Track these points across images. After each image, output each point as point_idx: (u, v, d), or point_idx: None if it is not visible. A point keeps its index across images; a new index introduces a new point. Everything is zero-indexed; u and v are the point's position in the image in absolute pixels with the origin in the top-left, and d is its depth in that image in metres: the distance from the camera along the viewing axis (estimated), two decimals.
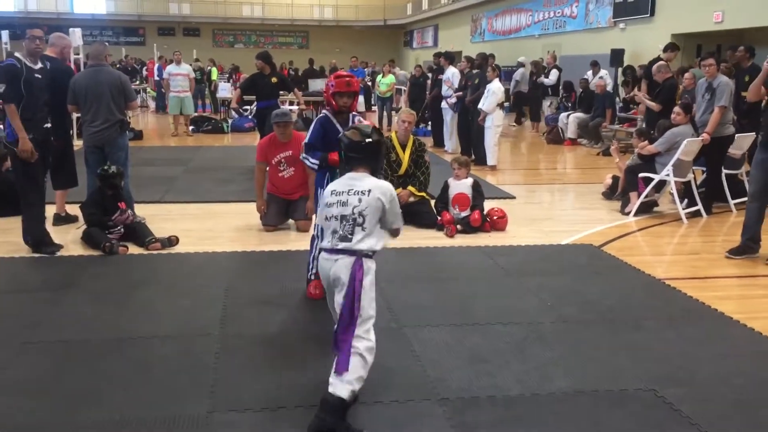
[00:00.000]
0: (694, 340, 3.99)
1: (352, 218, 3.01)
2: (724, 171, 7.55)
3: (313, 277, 4.50)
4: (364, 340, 2.97)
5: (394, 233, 3.23)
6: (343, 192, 3.07)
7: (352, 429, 2.87)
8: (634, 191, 7.28)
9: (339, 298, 3.01)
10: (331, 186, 3.16)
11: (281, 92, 10.59)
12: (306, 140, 4.48)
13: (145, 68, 24.92)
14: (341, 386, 2.88)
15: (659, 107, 9.11)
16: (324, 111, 4.53)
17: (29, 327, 4.00)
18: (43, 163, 5.63)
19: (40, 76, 5.51)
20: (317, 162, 4.40)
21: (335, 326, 3.00)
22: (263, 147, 6.52)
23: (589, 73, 14.43)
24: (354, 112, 4.51)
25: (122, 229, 5.79)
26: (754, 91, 6.02)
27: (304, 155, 4.49)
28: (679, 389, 3.34)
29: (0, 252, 5.53)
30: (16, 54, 5.67)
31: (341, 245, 3.02)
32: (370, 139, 3.14)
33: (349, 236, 3.01)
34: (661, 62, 9.87)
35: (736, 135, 7.51)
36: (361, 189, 3.04)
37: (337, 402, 2.86)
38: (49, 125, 5.62)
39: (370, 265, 3.05)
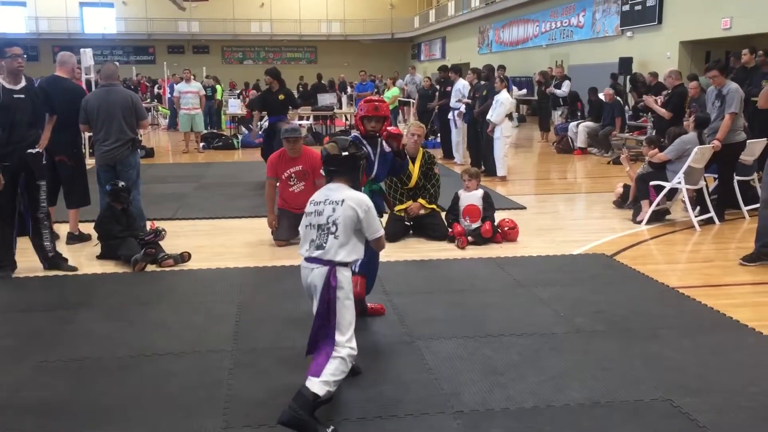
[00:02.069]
0: (709, 348, 3.96)
1: (326, 227, 3.17)
2: (736, 177, 7.51)
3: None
4: (347, 348, 3.08)
5: (377, 244, 3.34)
6: (320, 202, 3.24)
7: (321, 425, 2.93)
8: (646, 199, 7.25)
9: (315, 303, 3.16)
10: (312, 196, 3.32)
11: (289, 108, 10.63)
12: None
13: (157, 86, 25.14)
14: (318, 384, 2.97)
15: (669, 114, 9.09)
16: (354, 133, 4.59)
17: (45, 346, 4.03)
18: (22, 186, 5.32)
19: (22, 96, 5.26)
20: None
21: (311, 330, 3.13)
22: (273, 162, 6.55)
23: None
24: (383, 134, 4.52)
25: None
26: (765, 98, 6.01)
27: None
28: (695, 399, 3.31)
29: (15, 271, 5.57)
30: None
31: (316, 253, 3.18)
32: (347, 152, 3.30)
33: (324, 245, 3.17)
34: (671, 69, 9.84)
35: (748, 141, 7.48)
36: (336, 199, 3.20)
37: (311, 397, 2.94)
38: (34, 150, 5.32)
39: (344, 274, 3.17)
